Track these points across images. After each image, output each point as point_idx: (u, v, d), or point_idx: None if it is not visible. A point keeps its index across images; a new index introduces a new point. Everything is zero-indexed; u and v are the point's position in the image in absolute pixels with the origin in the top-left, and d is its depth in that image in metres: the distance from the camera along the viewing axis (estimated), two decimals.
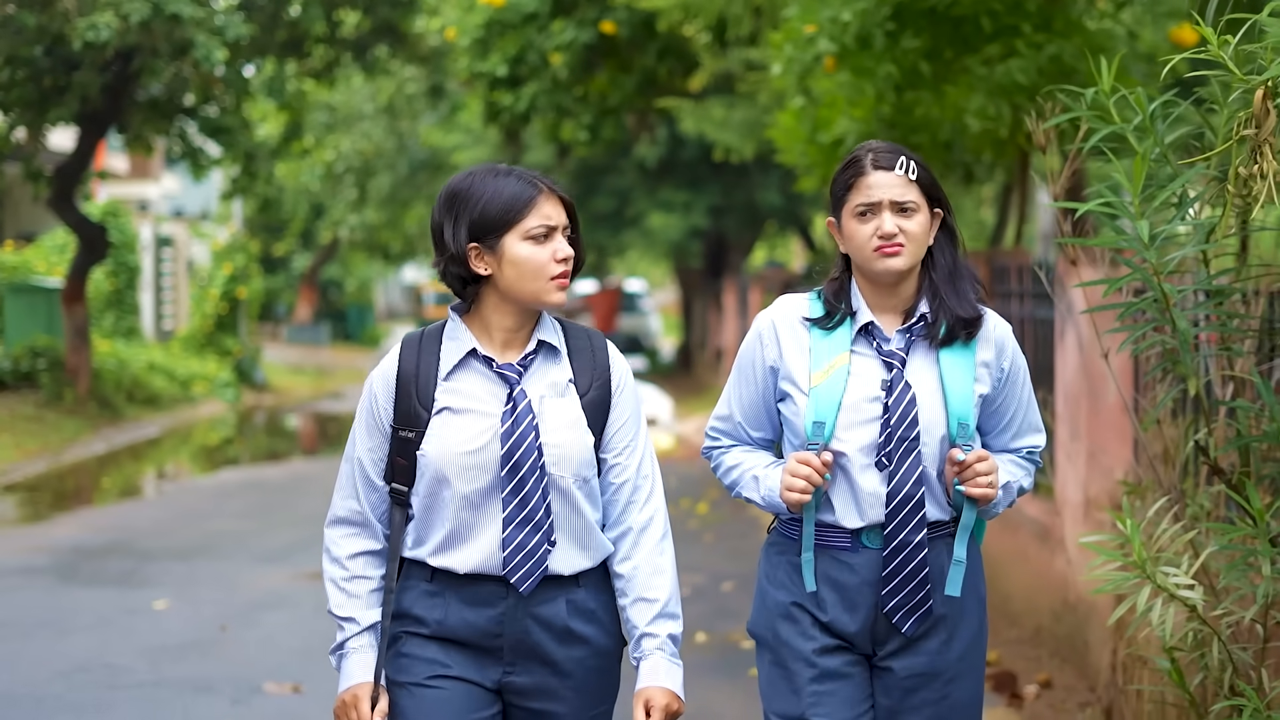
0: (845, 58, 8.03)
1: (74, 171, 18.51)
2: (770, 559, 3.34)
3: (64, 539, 11.08)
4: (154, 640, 7.72)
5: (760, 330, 3.34)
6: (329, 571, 3.23)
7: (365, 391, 3.23)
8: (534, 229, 3.09)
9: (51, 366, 19.00)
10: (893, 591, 3.19)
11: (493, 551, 3.10)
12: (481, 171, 3.17)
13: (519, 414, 3.10)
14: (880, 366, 3.22)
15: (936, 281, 3.23)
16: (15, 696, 6.63)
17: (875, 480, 3.19)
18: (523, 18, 14.00)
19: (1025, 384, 3.33)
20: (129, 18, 15.19)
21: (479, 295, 3.16)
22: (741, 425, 3.36)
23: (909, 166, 3.19)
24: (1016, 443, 3.35)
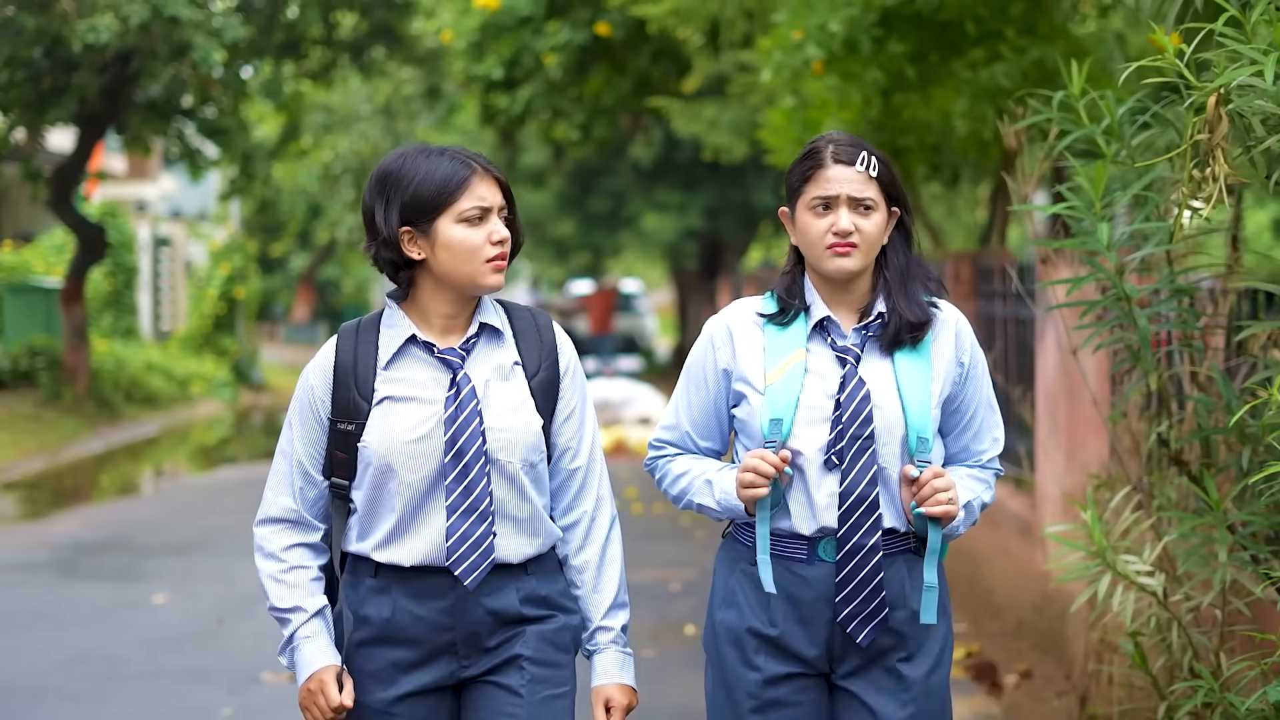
0: (833, 62, 8.17)
1: (73, 172, 18.65)
2: (723, 566, 3.20)
3: (63, 535, 11.22)
4: (152, 633, 7.86)
5: (712, 334, 3.22)
6: (264, 568, 3.08)
7: (301, 384, 3.11)
8: (468, 211, 2.98)
9: (50, 366, 19.14)
10: (846, 599, 3.05)
11: (438, 543, 2.99)
12: (413, 152, 3.05)
13: (462, 399, 2.99)
14: (835, 363, 3.10)
15: (889, 281, 3.12)
16: (15, 688, 6.77)
17: (831, 483, 3.05)
18: (518, 20, 14.14)
19: (985, 379, 3.22)
20: (128, 20, 15.33)
21: (414, 281, 3.05)
22: (689, 435, 3.22)
23: (870, 163, 3.07)
24: (977, 443, 3.21)
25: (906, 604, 3.08)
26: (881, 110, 8.67)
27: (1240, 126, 3.32)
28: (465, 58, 14.87)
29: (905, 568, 3.09)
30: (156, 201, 35.03)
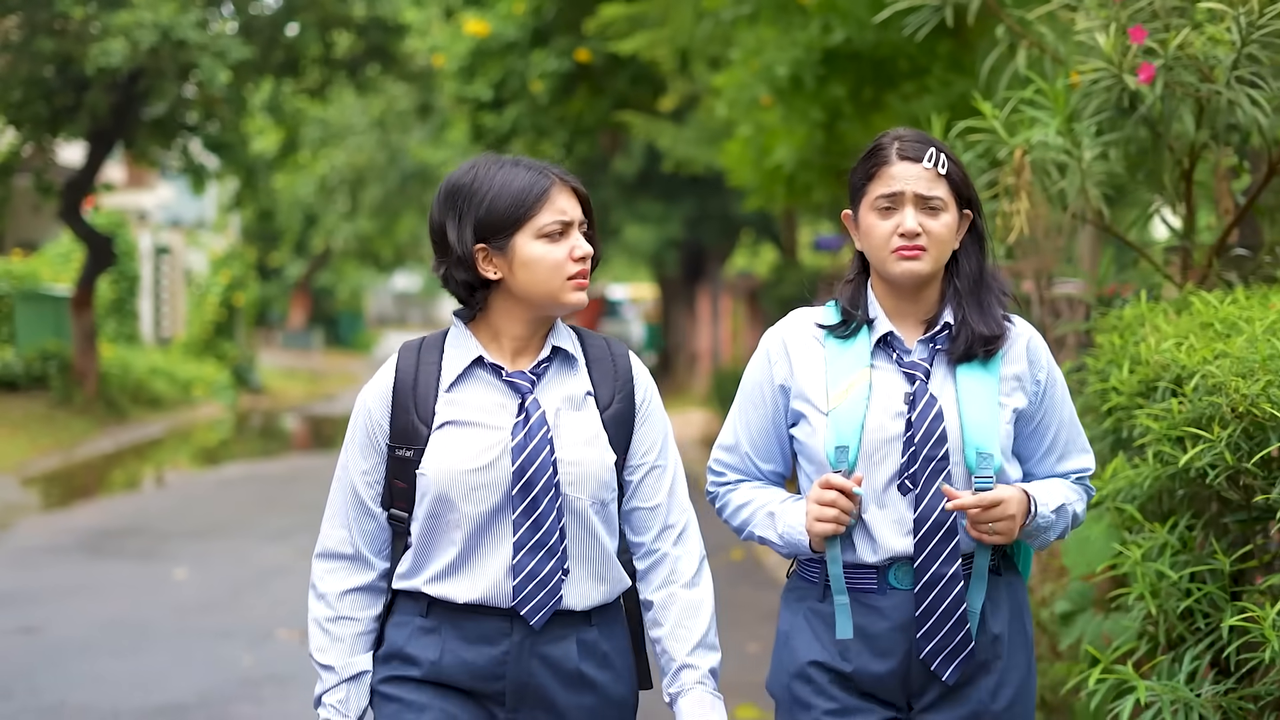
0: (780, 97, 9.21)
1: (82, 185, 19.64)
2: (790, 607, 2.97)
3: (86, 523, 12.22)
4: (177, 601, 8.87)
5: (768, 348, 3.00)
6: (313, 610, 2.88)
7: (358, 408, 2.88)
8: (548, 226, 2.76)
9: (61, 370, 20.11)
10: (929, 634, 2.81)
11: (498, 580, 2.76)
12: (485, 163, 2.82)
13: (531, 427, 2.76)
14: (902, 380, 2.88)
15: (960, 291, 2.90)
16: (63, 643, 7.77)
17: (901, 507, 2.83)
18: (505, 46, 15.20)
19: (1065, 399, 2.99)
20: (139, 44, 16.34)
21: (486, 301, 2.83)
22: (749, 456, 3.00)
23: (939, 159, 2.85)
24: (1062, 466, 2.99)
25: (988, 629, 2.86)
26: (825, 137, 9.71)
27: (1040, 172, 4.34)
28: (457, 80, 15.91)
29: (984, 591, 2.87)
30: (155, 210, 35.99)
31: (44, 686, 6.84)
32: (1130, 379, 3.73)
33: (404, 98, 24.80)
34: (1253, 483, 3.27)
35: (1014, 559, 2.97)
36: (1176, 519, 3.56)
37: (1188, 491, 3.58)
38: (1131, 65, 4.09)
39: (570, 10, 14.65)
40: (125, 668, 7.24)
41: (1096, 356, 4.18)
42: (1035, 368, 2.94)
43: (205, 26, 17.59)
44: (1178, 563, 3.50)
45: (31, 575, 9.74)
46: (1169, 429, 3.38)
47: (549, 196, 2.77)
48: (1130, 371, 3.77)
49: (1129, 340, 3.95)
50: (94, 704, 6.55)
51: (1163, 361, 3.58)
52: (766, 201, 11.42)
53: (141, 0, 16.57)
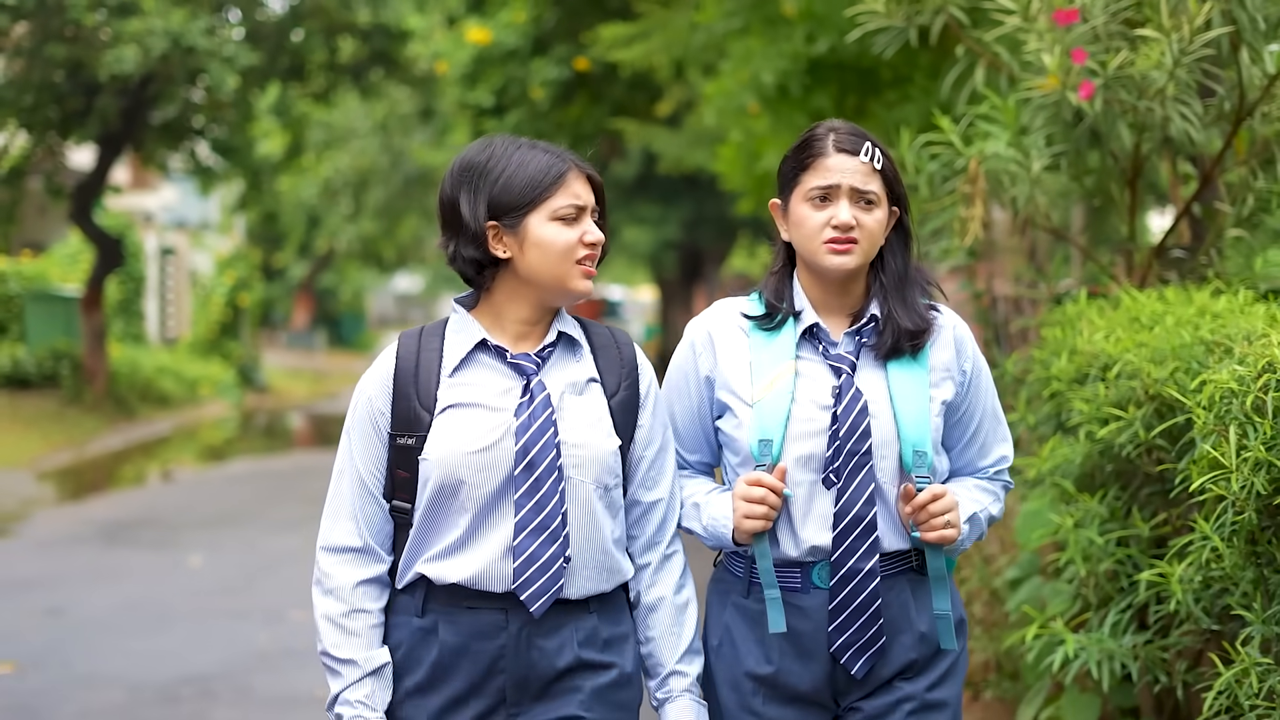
0: (767, 105, 9.64)
1: (92, 187, 20.07)
2: (715, 600, 2.96)
3: (100, 515, 12.65)
4: (193, 586, 9.31)
5: (693, 339, 2.98)
6: (323, 607, 2.78)
7: (357, 397, 2.83)
8: (562, 208, 2.73)
9: (71, 368, 20.54)
10: (840, 627, 2.80)
11: (494, 560, 2.70)
12: (502, 142, 2.79)
13: (535, 408, 2.71)
14: (828, 373, 2.86)
15: (886, 286, 2.89)
16: (87, 622, 8.20)
17: (825, 502, 2.81)
18: (506, 53, 15.65)
19: (989, 389, 3.00)
20: (150, 51, 16.77)
21: (492, 282, 2.80)
22: (675, 448, 2.97)
23: (874, 154, 2.84)
24: (983, 457, 3.01)
25: (912, 627, 2.85)
26: None
27: (994, 181, 4.78)
28: (459, 86, 16.36)
29: (909, 589, 2.85)
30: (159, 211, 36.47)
31: (74, 660, 7.28)
32: (1068, 367, 4.15)
33: (406, 102, 25.24)
34: (1164, 456, 3.70)
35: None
36: (1105, 491, 3.99)
37: (1115, 467, 4.01)
38: (1074, 84, 4.52)
39: (569, 20, 15.12)
40: (148, 644, 7.67)
41: (1042, 348, 4.61)
42: (961, 357, 2.94)
43: (214, 33, 18.03)
44: (1106, 530, 3.93)
45: (53, 562, 10.17)
46: (1096, 411, 3.81)
47: (565, 180, 2.75)
48: (1068, 360, 4.20)
49: (1069, 333, 4.38)
50: (122, 675, 6.98)
51: (1093, 351, 4.01)
52: (758, 205, 11.86)
53: (153, 8, 17.00)
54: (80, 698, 6.61)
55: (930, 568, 2.86)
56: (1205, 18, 4.43)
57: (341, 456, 2.84)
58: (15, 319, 21.40)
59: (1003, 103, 4.81)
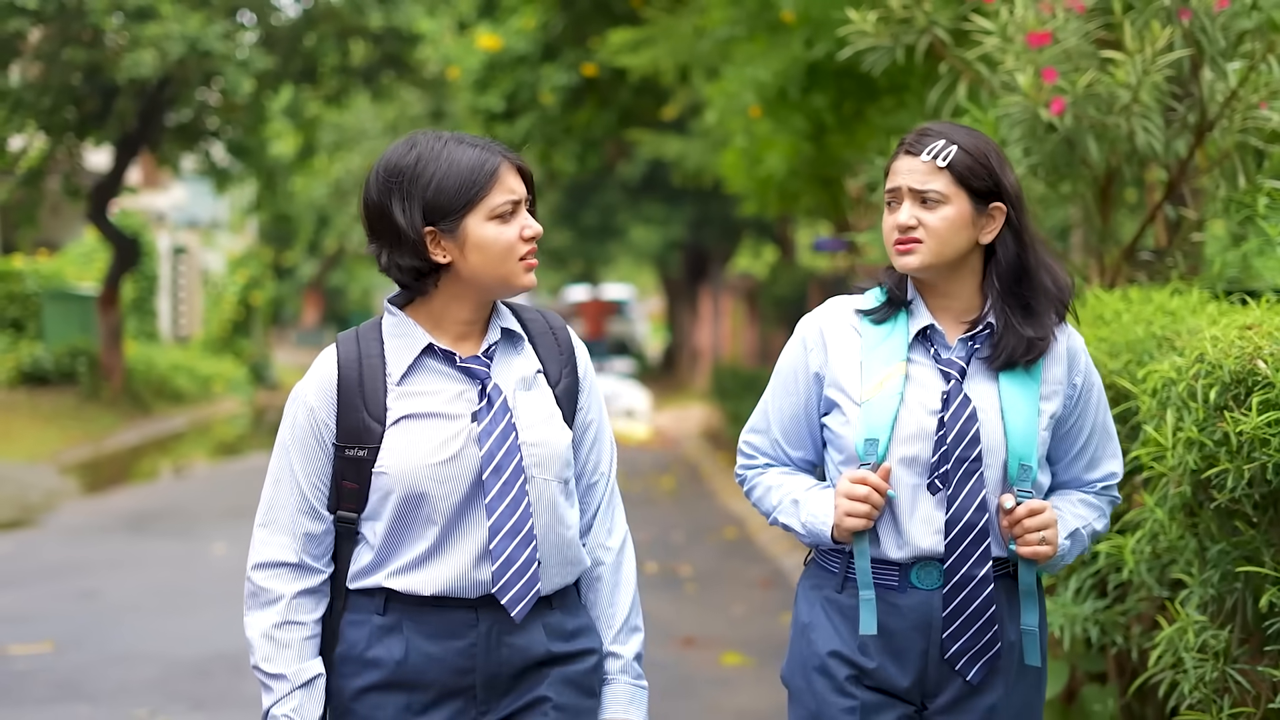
0: (767, 108, 10.03)
1: (109, 188, 20.49)
2: (807, 596, 2.94)
3: (123, 506, 13.08)
4: (217, 571, 9.71)
5: (804, 335, 2.96)
6: (255, 623, 2.67)
7: (296, 408, 2.70)
8: (499, 206, 2.63)
9: (89, 365, 20.97)
10: (956, 634, 2.79)
11: (464, 571, 2.64)
12: (426, 140, 2.66)
13: (496, 412, 2.66)
14: (939, 377, 2.84)
15: (999, 287, 2.86)
16: (119, 605, 8.60)
17: (929, 506, 2.81)
18: (515, 59, 16.06)
19: (1101, 405, 2.96)
20: (168, 55, 17.19)
21: (433, 286, 2.69)
22: (779, 443, 2.97)
23: (942, 152, 2.80)
24: (1091, 472, 2.96)
25: (1005, 636, 2.86)
26: (813, 148, 10.53)
27: None
28: (470, 91, 16.78)
29: (1004, 596, 2.85)
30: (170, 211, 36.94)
31: (109, 639, 7.68)
32: None
33: (417, 104, 25.64)
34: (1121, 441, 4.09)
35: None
36: None
37: None
38: (1045, 100, 4.91)
39: (577, 26, 15.53)
40: (178, 625, 8.07)
41: None
42: (1073, 371, 2.91)
43: (230, 38, 18.45)
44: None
45: (81, 550, 10.58)
46: None
47: (498, 175, 2.64)
48: None
49: None
50: (156, 653, 7.39)
51: None
52: (761, 207, 12.25)
53: (170, 13, 17.42)
54: (117, 673, 7.01)
55: (1021, 582, 2.85)
56: (1168, 40, 4.82)
57: (278, 469, 2.70)
58: (33, 317, 21.84)
59: (983, 116, 5.20)
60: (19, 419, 18.62)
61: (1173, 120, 5.19)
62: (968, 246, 2.84)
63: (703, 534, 11.38)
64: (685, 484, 14.45)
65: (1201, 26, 4.95)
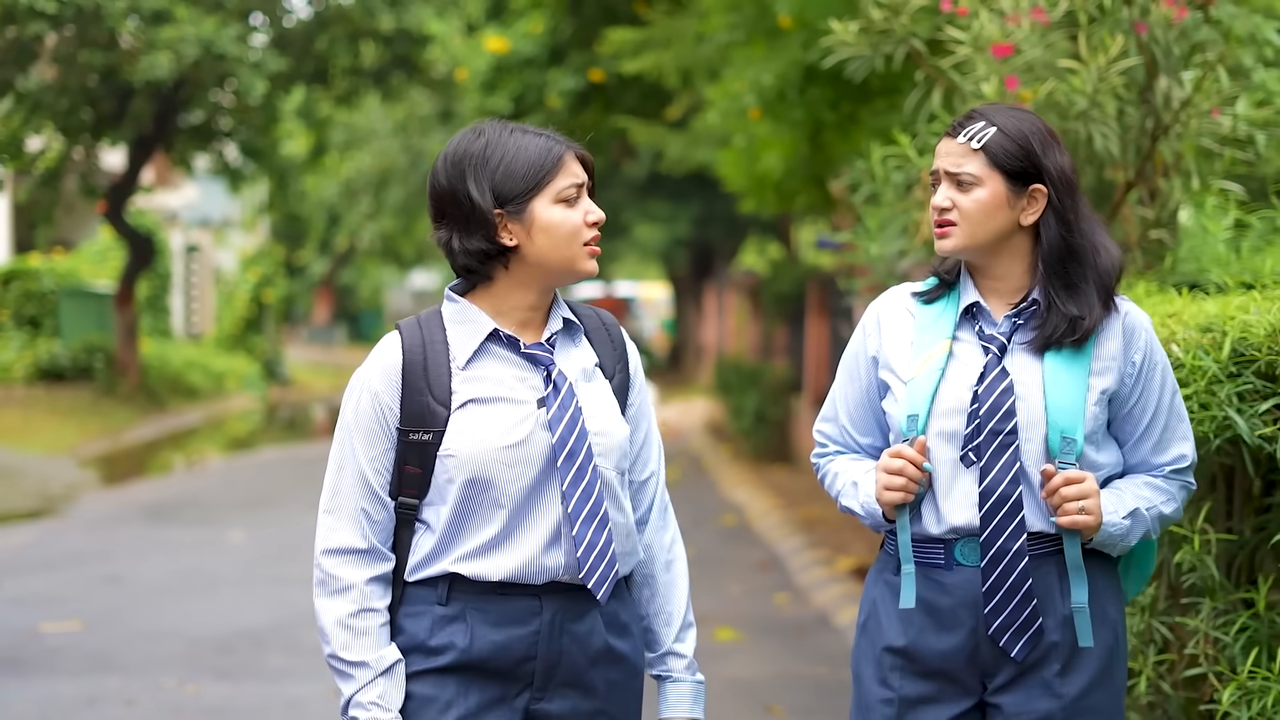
0: (766, 109, 10.42)
1: (125, 188, 20.91)
2: (872, 580, 2.97)
3: (143, 497, 13.50)
4: (238, 557, 10.12)
5: (865, 321, 2.99)
6: (328, 610, 2.68)
7: (359, 392, 2.72)
8: (565, 189, 2.68)
9: (105, 362, 21.38)
10: (996, 609, 2.77)
11: (534, 556, 2.67)
12: (493, 128, 2.73)
13: (564, 398, 2.70)
14: (981, 353, 2.84)
15: (1045, 266, 2.82)
16: (144, 588, 9.01)
17: (967, 481, 2.80)
18: (523, 62, 16.48)
19: (1167, 384, 2.88)
20: (183, 58, 17.60)
21: (497, 272, 2.73)
22: (847, 429, 2.99)
23: (979, 134, 2.81)
24: (1159, 454, 2.89)
25: (1056, 611, 2.80)
26: (810, 148, 10.90)
27: None
28: (479, 93, 17.20)
29: (1055, 572, 2.80)
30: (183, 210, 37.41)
31: (135, 619, 8.09)
32: None
33: (426, 104, 26.07)
34: None
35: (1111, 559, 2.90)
36: None
37: None
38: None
39: (584, 31, 15.94)
40: (202, 605, 8.49)
41: None
42: (1131, 348, 2.84)
43: (243, 40, 18.85)
44: None
45: (104, 538, 11.00)
46: None
47: (564, 161, 2.70)
48: None
49: None
50: (180, 630, 7.80)
51: None
52: (758, 205, 12.62)
53: (185, 16, 17.83)
54: (144, 648, 7.42)
55: (1067, 556, 2.79)
56: (1121, 50, 5.20)
57: (340, 454, 2.73)
58: (50, 314, 22.26)
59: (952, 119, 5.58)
60: (38, 414, 19.05)
61: (1131, 126, 5.58)
62: (1007, 228, 2.83)
63: (704, 521, 11.76)
64: (689, 474, 14.84)
65: (1155, 38, 5.34)
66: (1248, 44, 5.73)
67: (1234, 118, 5.47)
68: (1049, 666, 2.80)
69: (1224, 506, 3.74)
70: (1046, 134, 2.84)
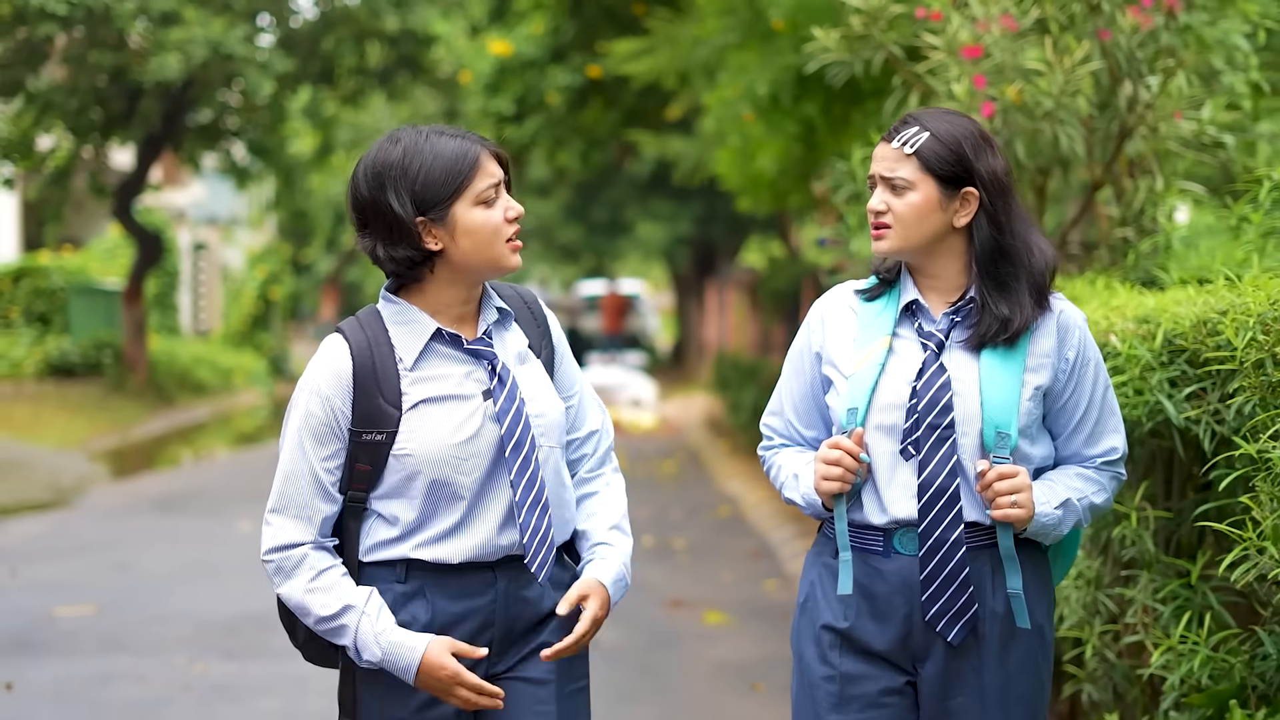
0: (760, 113, 10.68)
1: (134, 186, 21.19)
2: (810, 559, 3.07)
3: (152, 490, 13.78)
4: (245, 547, 10.38)
5: (810, 318, 3.10)
6: (292, 589, 2.78)
7: (309, 395, 2.81)
8: (483, 191, 2.78)
9: (114, 358, 21.66)
10: (934, 596, 2.88)
11: (488, 539, 2.81)
12: (407, 135, 2.80)
13: (510, 390, 2.83)
14: (920, 349, 2.94)
15: (979, 266, 2.91)
16: (154, 575, 9.29)
17: (906, 473, 2.90)
18: (525, 64, 16.77)
19: (1099, 380, 2.99)
20: (192, 58, 17.88)
21: (427, 274, 2.83)
22: (792, 423, 3.10)
23: (910, 139, 2.90)
24: (1091, 447, 3.00)
25: (987, 602, 2.91)
26: (803, 149, 11.16)
27: None
28: (482, 95, 17.49)
29: (989, 564, 2.91)
30: (190, 208, 37.69)
31: (145, 603, 8.38)
32: None
33: (430, 103, 26.33)
34: None
35: (1042, 549, 3.00)
36: None
37: None
38: (977, 106, 5.56)
39: (585, 32, 16.22)
40: (210, 590, 8.77)
41: None
42: (1065, 345, 2.94)
43: (251, 41, 19.13)
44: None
45: (114, 528, 11.28)
46: None
47: (480, 163, 2.78)
48: None
49: None
50: (189, 614, 8.08)
51: None
52: (754, 204, 12.89)
53: (194, 17, 18.11)
54: (155, 630, 7.70)
55: (1001, 547, 2.89)
56: (1085, 55, 5.47)
57: (291, 458, 2.81)
58: (59, 311, 22.56)
59: None
60: (48, 409, 19.34)
61: (1098, 128, 5.84)
62: (941, 230, 2.91)
63: (699, 512, 12.04)
64: (686, 468, 15.12)
65: (1118, 44, 5.60)
66: (1217, 49, 5.99)
67: (1198, 121, 5.74)
68: (977, 655, 2.91)
69: (1164, 486, 4.01)
70: (979, 137, 2.94)
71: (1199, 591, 3.69)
